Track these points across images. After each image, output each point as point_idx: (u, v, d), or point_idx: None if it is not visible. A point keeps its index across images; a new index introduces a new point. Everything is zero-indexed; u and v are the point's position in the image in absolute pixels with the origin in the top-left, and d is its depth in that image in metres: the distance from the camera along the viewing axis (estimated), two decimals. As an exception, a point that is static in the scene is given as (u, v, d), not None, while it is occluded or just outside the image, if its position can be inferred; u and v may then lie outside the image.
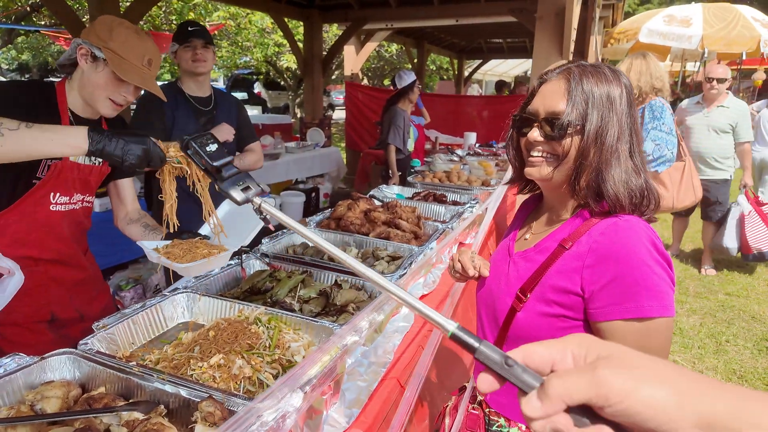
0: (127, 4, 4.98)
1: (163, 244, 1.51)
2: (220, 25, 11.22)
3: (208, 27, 11.25)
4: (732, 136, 4.47)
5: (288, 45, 11.19)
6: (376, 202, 2.68)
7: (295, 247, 2.16)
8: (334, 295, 1.61)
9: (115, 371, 1.17)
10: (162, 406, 1.09)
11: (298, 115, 15.03)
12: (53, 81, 1.61)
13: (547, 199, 1.24)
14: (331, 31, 12.33)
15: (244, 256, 1.90)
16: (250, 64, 15.50)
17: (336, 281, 1.75)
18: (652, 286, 0.97)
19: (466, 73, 14.68)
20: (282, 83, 16.80)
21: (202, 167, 1.07)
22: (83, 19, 5.50)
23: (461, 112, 8.07)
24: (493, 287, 1.26)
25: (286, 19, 7.19)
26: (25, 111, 1.46)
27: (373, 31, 8.13)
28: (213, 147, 1.07)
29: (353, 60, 8.39)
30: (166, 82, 2.65)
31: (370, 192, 3.11)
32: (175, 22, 11.05)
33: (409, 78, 4.50)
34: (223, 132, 2.48)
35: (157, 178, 1.40)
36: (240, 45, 12.94)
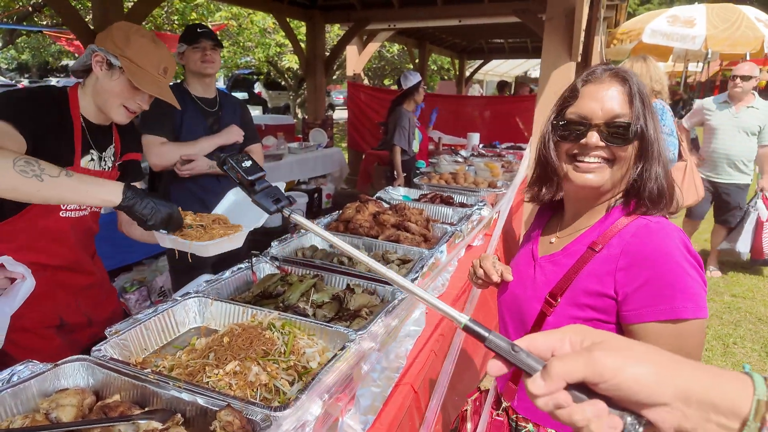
0: (130, 5, 4.97)
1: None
2: (222, 25, 11.21)
3: (210, 27, 11.26)
4: (756, 139, 4.31)
5: (289, 45, 11.19)
6: (384, 204, 2.67)
7: (305, 250, 2.14)
8: (348, 299, 1.59)
9: (130, 378, 1.15)
10: (179, 415, 1.07)
11: (299, 115, 15.02)
12: (66, 86, 1.60)
13: (572, 203, 1.22)
14: (333, 31, 12.32)
15: (254, 259, 1.89)
16: (251, 65, 15.49)
17: (348, 285, 1.73)
18: (686, 288, 0.97)
19: (467, 74, 14.66)
20: (282, 83, 16.78)
21: (237, 181, 1.16)
22: (86, 19, 5.47)
23: (463, 112, 8.06)
24: (519, 292, 1.24)
25: (288, 20, 7.18)
26: (39, 118, 1.45)
27: (375, 32, 8.11)
28: (248, 163, 1.16)
29: (355, 60, 8.37)
30: (172, 83, 2.68)
31: (377, 194, 3.09)
32: (176, 23, 11.03)
33: (414, 78, 4.49)
34: (233, 134, 2.47)
35: (161, 180, 1.43)
36: (241, 45, 12.92)
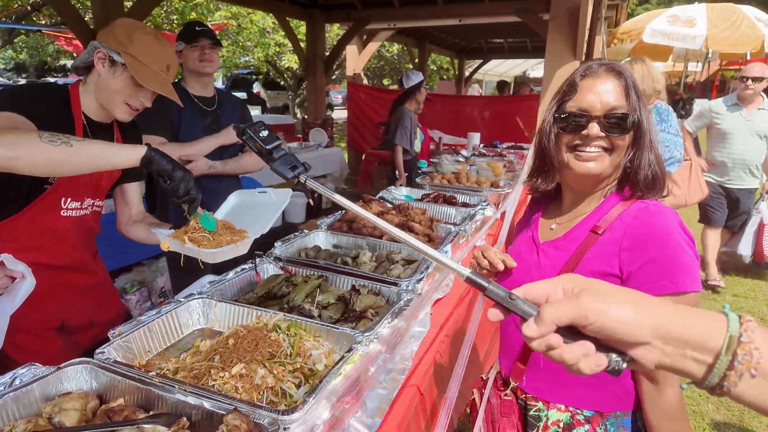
0: (130, 4, 4.94)
1: (171, 232, 1.50)
2: (222, 25, 11.17)
3: (209, 26, 11.23)
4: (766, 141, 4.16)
5: (289, 45, 11.16)
6: (387, 204, 2.65)
7: (308, 250, 2.12)
8: (353, 300, 1.57)
9: (135, 382, 1.14)
10: (185, 419, 1.05)
11: (299, 115, 14.99)
12: (67, 84, 1.58)
13: (571, 191, 1.28)
14: (332, 31, 12.29)
15: (258, 260, 1.87)
16: (251, 64, 15.46)
17: (354, 286, 1.71)
18: (684, 264, 1.05)
19: (467, 73, 14.65)
20: (282, 83, 16.75)
21: (256, 150, 1.19)
22: (86, 18, 5.45)
23: (463, 112, 8.04)
24: (525, 278, 1.26)
25: (288, 19, 7.15)
26: (40, 115, 1.43)
27: (375, 31, 8.09)
28: (265, 133, 1.20)
29: (355, 60, 8.35)
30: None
31: (380, 194, 3.08)
32: (176, 22, 11.00)
33: (416, 78, 4.46)
34: (230, 135, 2.44)
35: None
36: (241, 45, 12.89)
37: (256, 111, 16.17)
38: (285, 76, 15.22)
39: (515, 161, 4.59)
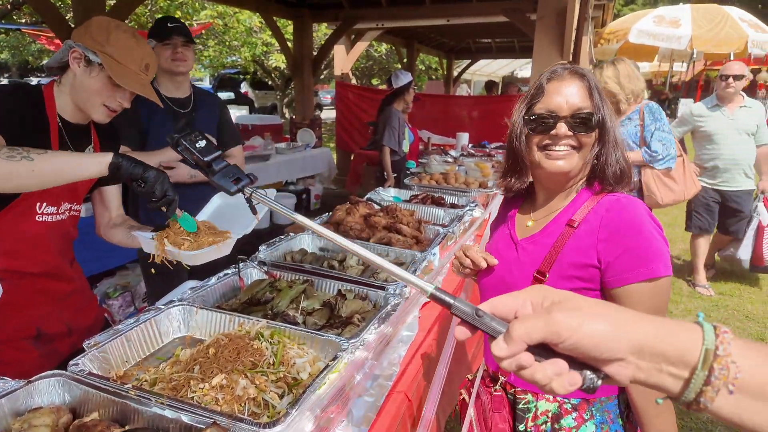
0: (113, 2, 4.85)
1: (154, 235, 1.44)
2: (207, 24, 11.04)
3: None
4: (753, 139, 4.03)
5: (276, 44, 11.07)
6: (375, 206, 2.62)
7: (294, 253, 2.08)
8: (339, 306, 1.54)
9: (110, 395, 1.09)
10: (161, 434, 1.01)
11: (287, 115, 14.89)
12: (40, 84, 1.52)
13: (544, 188, 1.34)
14: (320, 30, 12.22)
15: (241, 264, 1.82)
16: (237, 64, 15.31)
17: (340, 291, 1.67)
18: (657, 250, 1.12)
19: (455, 73, 14.67)
20: (269, 83, 16.62)
21: (193, 163, 1.11)
22: (66, 17, 5.34)
23: (451, 112, 8.03)
24: (505, 275, 1.32)
25: (275, 19, 7.09)
26: (12, 118, 1.38)
27: (363, 31, 8.05)
28: (202, 143, 1.12)
29: (343, 60, 8.30)
30: None
31: (368, 195, 3.04)
32: (160, 21, 10.84)
33: (405, 78, 4.43)
34: (171, 153, 2.23)
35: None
36: (227, 44, 12.76)
37: (244, 111, 16.04)
38: (273, 75, 15.11)
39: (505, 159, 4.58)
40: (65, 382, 1.14)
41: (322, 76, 17.32)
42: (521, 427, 1.27)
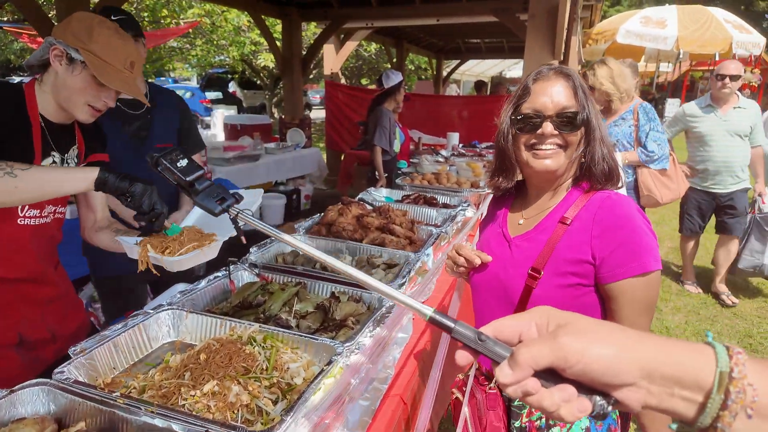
0: (96, 0, 4.76)
1: (138, 240, 1.39)
2: (195, 23, 10.91)
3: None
4: (748, 141, 3.91)
5: (265, 43, 10.98)
6: (367, 206, 2.59)
7: (285, 255, 2.05)
8: (333, 309, 1.51)
9: (97, 404, 1.05)
10: (151, 444, 0.97)
11: (276, 115, 14.79)
12: (21, 83, 1.47)
13: (534, 187, 1.35)
14: (309, 30, 12.16)
15: (231, 267, 1.79)
16: (225, 63, 15.18)
17: (333, 293, 1.65)
18: (648, 245, 1.15)
19: (445, 73, 14.69)
20: (258, 82, 16.50)
21: (174, 182, 1.07)
22: (49, 15, 5.23)
23: (441, 112, 8.03)
24: (499, 272, 1.32)
25: (263, 18, 7.02)
26: None
27: (352, 30, 8.02)
28: (184, 162, 1.08)
29: (333, 59, 8.26)
30: None
31: (359, 195, 3.02)
32: (147, 20, 10.70)
33: (396, 78, 4.41)
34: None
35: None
36: (215, 43, 12.63)
37: (232, 111, 15.89)
38: (261, 75, 15.00)
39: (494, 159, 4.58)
40: (50, 390, 1.10)
41: (312, 76, 17.24)
42: (516, 423, 1.29)
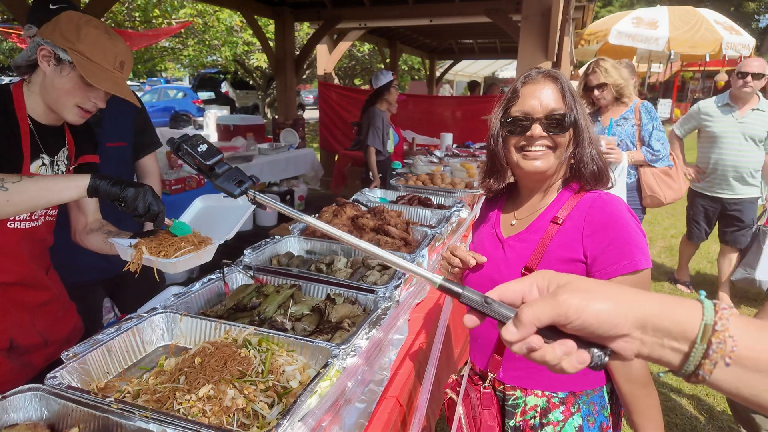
0: (87, 0, 4.71)
1: (136, 241, 1.38)
2: (187, 23, 10.84)
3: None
4: (763, 146, 3.69)
5: (257, 43, 10.93)
6: (362, 207, 2.59)
7: (280, 257, 2.04)
8: (329, 311, 1.51)
9: (90, 409, 1.04)
10: (146, 449, 0.97)
11: (268, 115, 14.73)
12: (8, 84, 1.45)
13: (525, 188, 1.38)
14: (302, 30, 12.13)
15: (226, 269, 1.77)
16: (218, 63, 15.10)
17: (329, 295, 1.64)
18: (638, 243, 1.17)
19: (438, 74, 14.71)
20: (250, 83, 16.43)
21: (195, 167, 1.10)
22: (39, 15, 5.16)
23: (435, 112, 8.04)
24: (493, 273, 1.34)
25: (256, 17, 6.99)
26: None
27: (346, 31, 8.01)
28: (204, 147, 1.10)
29: (326, 59, 8.24)
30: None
31: (354, 196, 3.01)
32: (138, 19, 10.62)
33: (385, 78, 4.39)
34: None
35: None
36: (207, 44, 12.57)
37: (225, 111, 15.82)
38: (254, 75, 14.94)
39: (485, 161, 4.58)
40: (42, 396, 1.08)
41: (305, 76, 17.20)
42: (511, 422, 1.30)
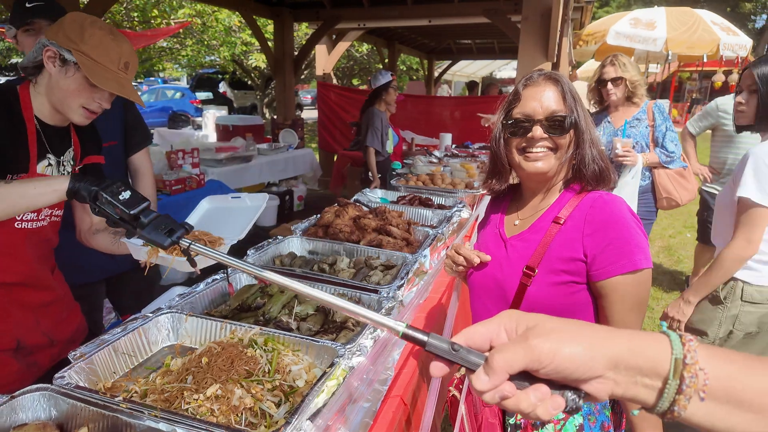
0: (86, 0, 4.70)
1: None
2: (186, 23, 10.82)
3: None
4: None
5: (256, 44, 10.93)
6: (364, 208, 2.60)
7: (283, 257, 2.05)
8: (334, 310, 1.51)
9: (100, 408, 1.05)
10: (156, 448, 0.97)
11: (267, 115, 14.72)
12: (14, 85, 1.45)
13: (527, 188, 1.39)
14: (300, 30, 12.13)
15: (230, 270, 1.78)
16: (216, 63, 15.09)
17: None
18: (638, 243, 1.18)
19: (436, 74, 14.72)
20: (248, 83, 16.42)
21: (117, 217, 1.01)
22: (38, 15, 5.15)
23: (433, 112, 8.06)
24: (496, 272, 1.35)
25: (255, 18, 6.99)
26: None
27: (344, 31, 8.02)
28: (126, 194, 1.01)
29: (325, 60, 8.25)
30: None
31: (355, 196, 3.02)
32: (137, 19, 10.60)
33: (384, 78, 4.39)
34: None
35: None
36: (206, 44, 12.55)
37: (223, 111, 15.82)
38: (252, 75, 14.93)
39: (488, 162, 4.60)
40: (51, 395, 1.09)
41: (303, 76, 17.19)
42: (511, 420, 1.31)
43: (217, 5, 9.16)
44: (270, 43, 7.25)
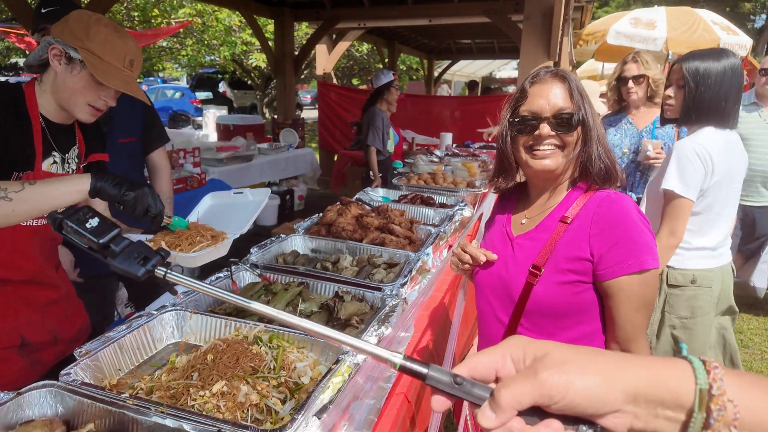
0: (87, 1, 4.70)
1: (149, 237, 1.40)
2: (186, 22, 10.83)
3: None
4: None
5: (256, 43, 10.93)
6: (366, 206, 2.60)
7: (286, 255, 2.05)
8: (338, 308, 1.52)
9: (106, 405, 1.05)
10: (163, 444, 0.98)
11: (267, 115, 14.72)
12: (21, 83, 1.46)
13: (535, 187, 1.38)
14: (301, 30, 12.13)
15: (233, 267, 1.78)
16: (216, 63, 15.09)
17: (337, 293, 1.65)
18: (646, 243, 1.17)
19: (436, 74, 14.73)
20: (248, 82, 16.42)
21: (86, 247, 0.92)
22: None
23: (434, 112, 8.06)
24: (501, 271, 1.35)
25: (255, 17, 7.00)
26: None
27: (345, 31, 8.02)
28: (94, 222, 0.92)
29: (325, 59, 8.25)
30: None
31: (357, 195, 3.02)
32: (137, 19, 10.60)
33: (386, 78, 4.40)
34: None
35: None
36: (206, 43, 12.56)
37: (223, 111, 15.83)
38: (252, 75, 14.93)
39: (489, 161, 4.61)
40: (57, 392, 1.09)
41: (302, 76, 17.19)
42: None
43: (217, 5, 9.16)
44: (270, 43, 7.25)
